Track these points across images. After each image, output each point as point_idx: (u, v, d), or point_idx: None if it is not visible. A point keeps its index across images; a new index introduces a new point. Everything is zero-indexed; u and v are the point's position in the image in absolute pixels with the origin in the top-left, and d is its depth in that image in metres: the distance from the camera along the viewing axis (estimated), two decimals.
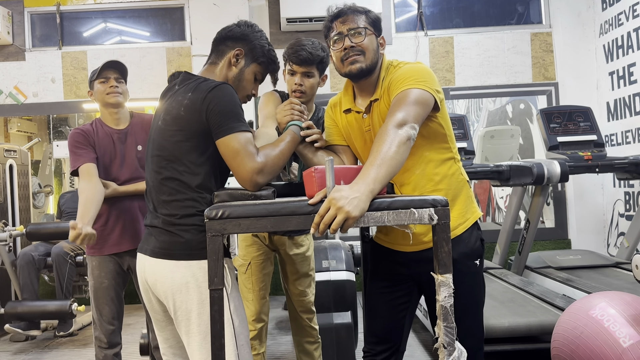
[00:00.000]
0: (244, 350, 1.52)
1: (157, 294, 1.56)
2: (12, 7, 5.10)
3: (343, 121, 1.72)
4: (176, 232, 1.50)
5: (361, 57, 1.57)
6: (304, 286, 2.37)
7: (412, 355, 3.16)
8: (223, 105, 1.47)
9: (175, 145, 1.51)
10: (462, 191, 1.63)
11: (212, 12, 4.85)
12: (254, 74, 1.65)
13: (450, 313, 1.22)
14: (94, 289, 2.33)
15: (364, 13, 1.61)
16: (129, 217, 2.32)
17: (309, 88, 2.07)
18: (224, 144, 1.47)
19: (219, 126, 1.46)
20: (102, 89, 2.32)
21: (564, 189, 5.04)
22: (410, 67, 1.58)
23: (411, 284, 1.67)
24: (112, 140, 2.34)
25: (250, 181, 1.46)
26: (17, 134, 6.10)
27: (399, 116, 1.40)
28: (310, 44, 2.05)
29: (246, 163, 1.45)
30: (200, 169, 1.50)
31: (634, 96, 4.46)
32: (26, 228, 3.94)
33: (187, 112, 1.49)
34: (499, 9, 5.29)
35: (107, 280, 2.32)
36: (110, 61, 2.34)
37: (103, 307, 2.32)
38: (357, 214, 1.18)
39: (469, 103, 6.20)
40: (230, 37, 1.64)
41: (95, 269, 2.32)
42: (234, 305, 1.52)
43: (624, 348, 1.97)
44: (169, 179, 1.52)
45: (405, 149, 1.35)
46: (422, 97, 1.47)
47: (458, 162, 1.66)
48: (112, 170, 2.33)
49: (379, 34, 1.64)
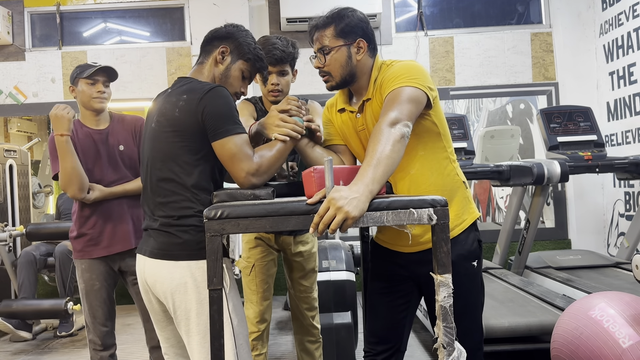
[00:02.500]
0: (242, 349, 1.53)
1: (157, 294, 1.57)
2: (12, 7, 5.10)
3: (338, 121, 1.73)
4: (174, 232, 1.51)
5: (329, 77, 1.62)
6: (309, 283, 2.39)
7: (412, 355, 3.16)
8: (219, 107, 1.49)
9: (169, 145, 1.52)
10: (457, 192, 1.61)
11: (212, 12, 4.85)
12: (241, 71, 1.66)
13: (450, 313, 1.22)
14: (85, 292, 2.29)
15: (332, 23, 1.59)
16: (118, 219, 2.27)
17: (285, 86, 2.12)
18: (220, 146, 1.49)
19: (215, 128, 1.48)
20: (89, 92, 2.27)
21: (564, 189, 5.04)
22: (402, 65, 1.57)
23: (411, 284, 1.67)
24: (94, 141, 2.29)
25: (246, 182, 1.48)
26: (17, 134, 6.10)
27: (391, 115, 1.40)
28: (280, 41, 2.07)
29: (242, 165, 1.47)
30: (195, 169, 1.51)
31: (634, 96, 4.46)
32: (26, 228, 3.94)
33: (182, 113, 1.51)
34: (499, 9, 5.29)
35: (98, 282, 2.28)
36: (104, 66, 2.30)
37: (96, 309, 2.29)
38: (356, 214, 1.18)
39: (469, 103, 6.20)
40: (216, 37, 1.67)
41: (85, 272, 2.28)
42: (233, 304, 1.53)
43: (624, 348, 1.96)
44: (165, 180, 1.53)
45: (400, 147, 1.36)
46: (415, 94, 1.47)
47: (454, 162, 1.64)
48: (96, 171, 2.27)
49: (354, 39, 1.59)
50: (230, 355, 1.48)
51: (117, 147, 2.32)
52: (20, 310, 3.74)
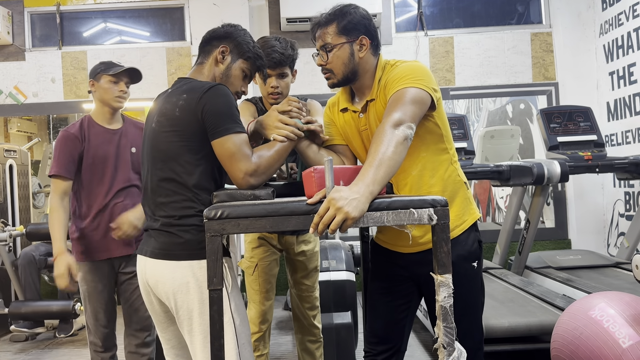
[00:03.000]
0: (245, 349, 1.53)
1: (159, 294, 1.56)
2: (12, 7, 5.10)
3: (340, 120, 1.72)
4: (175, 232, 1.51)
5: (331, 74, 1.62)
6: (311, 282, 2.39)
7: (412, 355, 3.16)
8: (219, 106, 1.49)
9: (170, 145, 1.52)
10: (458, 193, 1.61)
11: (212, 12, 4.85)
12: (242, 70, 1.66)
13: (450, 313, 1.22)
14: (87, 294, 2.27)
15: (334, 21, 1.59)
16: None
17: (285, 88, 2.11)
18: (219, 145, 1.48)
19: (215, 127, 1.47)
20: (110, 89, 2.24)
21: (564, 189, 5.04)
22: (407, 66, 1.56)
23: (411, 284, 1.66)
24: (106, 140, 2.27)
25: (244, 183, 1.47)
26: (17, 134, 6.10)
27: (395, 116, 1.39)
28: (279, 43, 2.05)
29: (240, 164, 1.46)
30: (196, 168, 1.51)
31: (634, 96, 4.45)
32: (26, 228, 3.94)
33: (182, 112, 1.50)
34: (499, 9, 5.29)
35: (100, 284, 2.27)
36: (131, 68, 2.28)
37: (99, 311, 2.27)
38: (356, 215, 1.18)
39: (469, 103, 6.20)
40: (215, 37, 1.66)
41: (87, 274, 2.26)
42: (235, 304, 1.53)
43: (624, 349, 1.96)
44: (166, 180, 1.53)
45: (403, 149, 1.35)
46: (419, 95, 1.46)
47: (455, 163, 1.64)
48: (107, 173, 2.24)
49: (357, 36, 1.58)
50: (232, 355, 1.47)
51: (129, 149, 2.31)
52: (30, 312, 3.78)
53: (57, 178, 2.23)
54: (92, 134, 2.26)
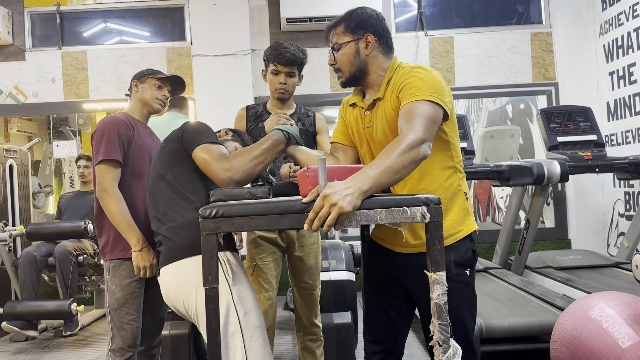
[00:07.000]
0: (254, 342, 1.53)
1: (171, 301, 1.66)
2: (12, 7, 5.11)
3: (350, 116, 1.74)
4: (173, 238, 1.64)
5: (340, 73, 1.67)
6: (313, 279, 2.42)
7: (412, 355, 3.15)
8: (194, 126, 1.71)
9: (165, 162, 1.71)
10: (456, 202, 1.57)
11: (212, 12, 4.86)
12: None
13: (445, 311, 1.22)
14: (124, 299, 2.05)
15: (343, 22, 1.64)
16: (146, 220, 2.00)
17: (291, 86, 2.35)
18: (195, 156, 1.63)
19: (191, 141, 1.65)
20: (155, 94, 2.23)
21: (564, 189, 5.03)
22: (424, 77, 1.51)
23: (404, 286, 1.64)
24: (147, 134, 2.23)
25: (225, 179, 1.56)
26: (17, 134, 6.11)
27: (420, 132, 1.36)
28: (292, 47, 2.30)
29: (217, 164, 1.58)
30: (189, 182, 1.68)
31: (634, 96, 4.45)
32: (26, 228, 3.94)
33: (167, 142, 1.76)
34: (499, 9, 5.28)
35: (138, 288, 2.09)
36: (176, 76, 2.29)
37: (135, 318, 2.07)
38: (349, 209, 1.18)
39: (469, 103, 6.20)
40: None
41: (128, 274, 2.06)
42: (238, 295, 1.57)
43: (623, 349, 1.96)
44: (161, 193, 1.69)
45: (414, 167, 1.33)
46: (438, 112, 1.45)
47: (459, 172, 1.60)
48: (145, 169, 2.13)
49: (363, 34, 1.61)
50: (238, 349, 1.50)
51: (155, 150, 2.26)
52: (24, 312, 3.74)
53: (109, 164, 2.03)
54: (138, 125, 2.21)
